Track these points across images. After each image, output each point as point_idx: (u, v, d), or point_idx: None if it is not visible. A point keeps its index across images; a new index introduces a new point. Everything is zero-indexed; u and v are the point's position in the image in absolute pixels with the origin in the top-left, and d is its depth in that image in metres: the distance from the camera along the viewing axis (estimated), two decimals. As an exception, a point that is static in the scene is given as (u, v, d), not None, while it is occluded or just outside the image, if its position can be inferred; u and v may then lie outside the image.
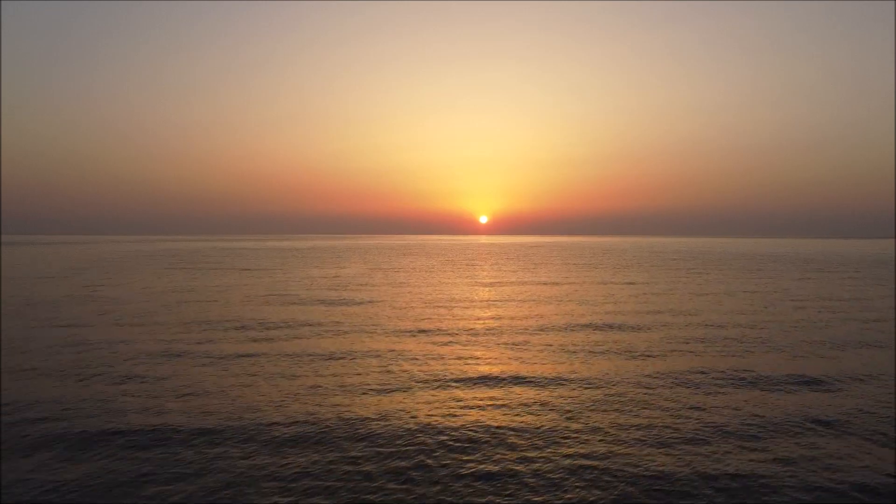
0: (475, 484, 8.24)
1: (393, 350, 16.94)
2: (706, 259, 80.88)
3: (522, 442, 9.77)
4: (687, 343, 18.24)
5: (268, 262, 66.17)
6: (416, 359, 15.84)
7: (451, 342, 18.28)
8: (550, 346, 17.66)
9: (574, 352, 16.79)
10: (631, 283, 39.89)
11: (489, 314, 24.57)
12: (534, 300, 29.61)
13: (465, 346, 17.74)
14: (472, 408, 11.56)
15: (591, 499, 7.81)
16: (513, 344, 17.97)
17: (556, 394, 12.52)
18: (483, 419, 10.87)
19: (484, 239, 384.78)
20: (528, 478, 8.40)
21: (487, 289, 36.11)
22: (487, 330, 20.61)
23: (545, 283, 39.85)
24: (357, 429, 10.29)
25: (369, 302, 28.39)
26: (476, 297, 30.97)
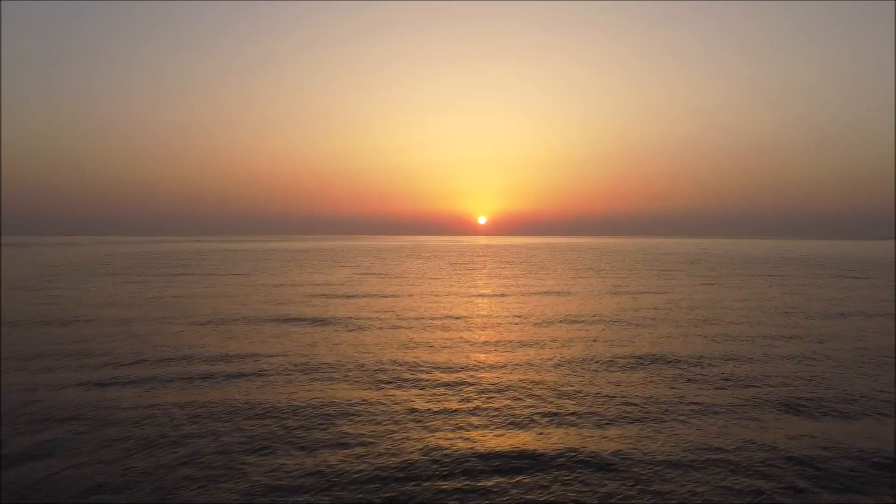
0: None
1: (367, 402, 12.90)
2: (716, 262, 77.08)
3: None
4: (767, 389, 14.20)
5: (259, 266, 62.06)
6: (400, 421, 11.79)
7: (450, 385, 14.22)
8: (588, 394, 13.62)
9: (616, 405, 12.74)
10: (651, 292, 35.86)
11: (497, 339, 20.50)
12: (547, 318, 25.56)
13: (469, 395, 13.67)
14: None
15: None
16: (537, 389, 13.91)
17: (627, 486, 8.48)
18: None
19: (483, 240, 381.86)
20: None
21: (491, 300, 32.04)
22: (498, 367, 16.57)
23: (556, 293, 35.78)
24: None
25: (347, 321, 24.32)
26: (479, 314, 26.92)
